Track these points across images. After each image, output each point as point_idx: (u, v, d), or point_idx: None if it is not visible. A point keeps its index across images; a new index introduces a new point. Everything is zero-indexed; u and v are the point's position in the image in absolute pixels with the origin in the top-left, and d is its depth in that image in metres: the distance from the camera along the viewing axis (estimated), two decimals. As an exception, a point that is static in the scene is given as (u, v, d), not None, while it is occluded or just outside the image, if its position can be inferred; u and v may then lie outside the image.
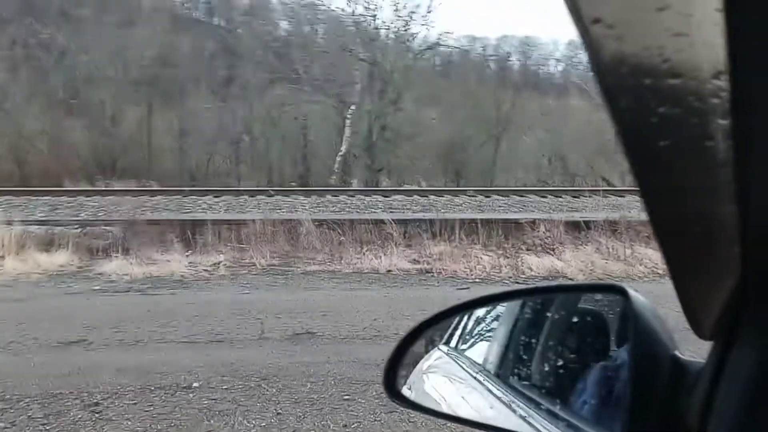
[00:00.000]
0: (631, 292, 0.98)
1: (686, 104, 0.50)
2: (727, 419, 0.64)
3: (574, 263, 9.22)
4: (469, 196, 13.76)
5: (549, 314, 1.44)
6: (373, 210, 12.23)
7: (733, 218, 0.55)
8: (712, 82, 0.46)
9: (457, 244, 9.98)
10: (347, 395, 4.68)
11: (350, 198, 13.55)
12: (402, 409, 3.23)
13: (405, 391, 1.53)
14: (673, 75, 0.48)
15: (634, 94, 0.54)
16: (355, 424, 4.30)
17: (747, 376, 0.63)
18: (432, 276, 8.95)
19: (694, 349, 0.84)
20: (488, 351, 1.63)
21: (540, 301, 1.51)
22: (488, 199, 13.61)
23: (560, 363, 1.30)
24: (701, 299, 0.71)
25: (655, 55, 0.48)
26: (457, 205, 12.93)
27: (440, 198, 13.66)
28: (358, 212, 11.95)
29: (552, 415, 1.23)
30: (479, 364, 1.64)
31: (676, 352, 0.85)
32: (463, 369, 1.68)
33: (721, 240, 0.61)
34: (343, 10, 23.33)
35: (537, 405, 1.30)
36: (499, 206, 12.87)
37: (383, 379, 1.34)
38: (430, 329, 1.48)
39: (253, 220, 10.65)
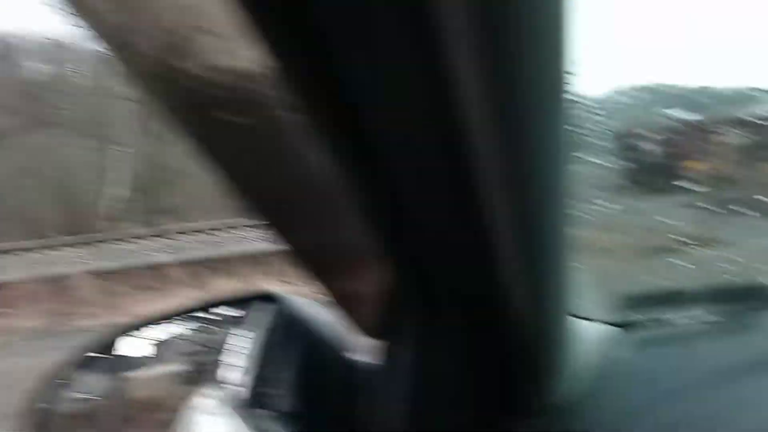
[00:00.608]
0: (287, 297, 0.96)
1: (238, 92, 0.41)
2: (394, 414, 0.65)
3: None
4: (257, 229, 13.61)
5: (268, 334, 1.39)
6: (154, 253, 11.64)
7: (361, 222, 0.52)
8: (252, 62, 0.38)
9: (245, 279, 9.84)
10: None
11: (128, 244, 12.79)
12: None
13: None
14: (203, 54, 0.39)
15: (165, 77, 0.43)
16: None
17: (408, 372, 0.65)
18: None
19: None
20: (236, 381, 1.58)
21: (262, 321, 1.45)
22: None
23: (291, 382, 1.24)
24: (360, 304, 0.70)
25: (176, 33, 0.39)
26: (245, 239, 12.73)
27: (227, 233, 13.36)
28: (137, 257, 11.32)
29: None
30: (232, 396, 1.59)
31: (347, 354, 0.83)
32: (219, 404, 1.61)
33: (359, 244, 0.58)
34: (103, 50, 22.22)
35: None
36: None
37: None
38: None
39: (17, 281, 9.68)
